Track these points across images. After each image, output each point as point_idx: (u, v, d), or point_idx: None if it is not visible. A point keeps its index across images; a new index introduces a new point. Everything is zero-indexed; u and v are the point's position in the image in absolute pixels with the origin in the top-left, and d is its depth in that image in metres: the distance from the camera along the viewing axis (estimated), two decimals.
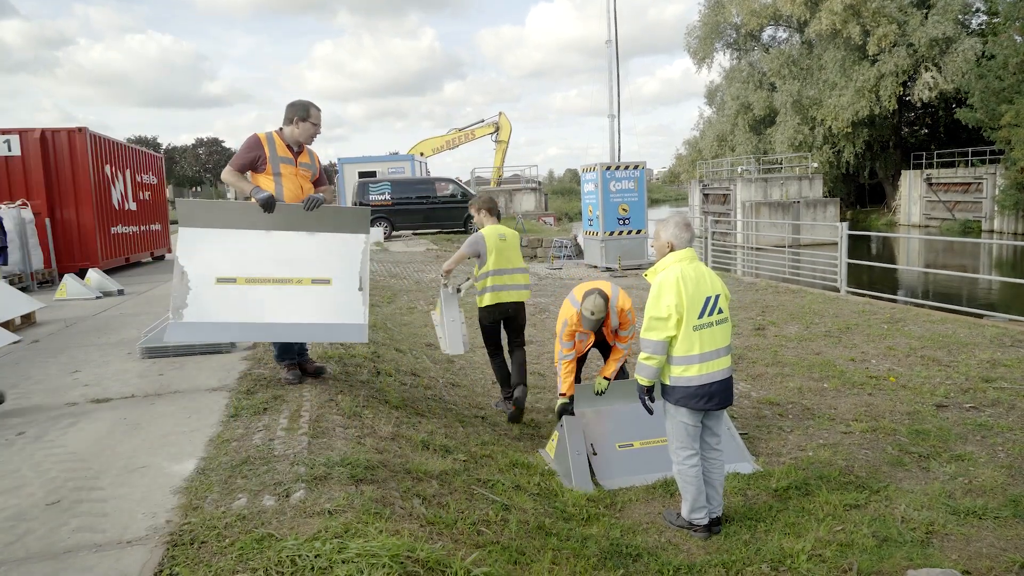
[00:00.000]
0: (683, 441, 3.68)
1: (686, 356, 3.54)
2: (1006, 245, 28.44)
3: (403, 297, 11.09)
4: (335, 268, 4.40)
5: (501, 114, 35.63)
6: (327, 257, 4.39)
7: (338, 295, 4.37)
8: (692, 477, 3.65)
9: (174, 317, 4.02)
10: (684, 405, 3.59)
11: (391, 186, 21.78)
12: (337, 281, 4.38)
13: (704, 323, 3.54)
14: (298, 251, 4.32)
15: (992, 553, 3.28)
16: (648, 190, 16.08)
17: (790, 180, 33.21)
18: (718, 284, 3.64)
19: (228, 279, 4.15)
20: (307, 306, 4.29)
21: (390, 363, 5.94)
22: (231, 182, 4.40)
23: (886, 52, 34.00)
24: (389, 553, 2.26)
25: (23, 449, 3.40)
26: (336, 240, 4.43)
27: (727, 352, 3.65)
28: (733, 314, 9.34)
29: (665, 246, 3.68)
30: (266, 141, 4.32)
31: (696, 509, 3.66)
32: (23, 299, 7.23)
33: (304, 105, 4.37)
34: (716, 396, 3.59)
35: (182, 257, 4.09)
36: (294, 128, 4.35)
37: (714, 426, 3.76)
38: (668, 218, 3.77)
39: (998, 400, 5.39)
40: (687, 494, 3.68)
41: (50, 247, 10.81)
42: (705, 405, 3.58)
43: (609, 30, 28.00)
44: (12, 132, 11.00)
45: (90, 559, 2.32)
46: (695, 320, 3.52)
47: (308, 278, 4.32)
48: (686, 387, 3.56)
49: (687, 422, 3.64)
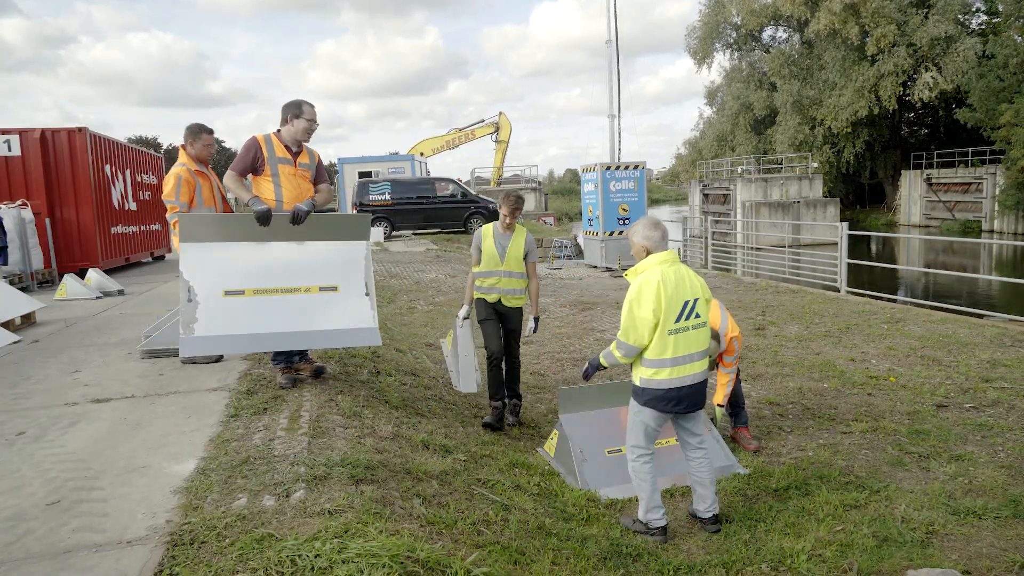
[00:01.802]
0: (639, 440, 3.66)
1: (658, 359, 3.51)
2: (1006, 245, 28.44)
3: (403, 297, 11.10)
4: (341, 275, 4.44)
5: (501, 114, 35.66)
6: (332, 265, 4.43)
7: (347, 301, 4.42)
8: (645, 474, 3.62)
9: (185, 332, 4.03)
10: (652, 407, 3.58)
11: (391, 186, 21.78)
12: (344, 287, 4.43)
13: (680, 327, 3.50)
14: (303, 260, 4.35)
15: (992, 553, 3.27)
16: (648, 190, 16.08)
17: (790, 180, 33.21)
18: (698, 287, 3.59)
19: (236, 291, 4.17)
20: (318, 313, 4.34)
21: (390, 363, 5.94)
22: (231, 187, 4.42)
23: (886, 52, 33.99)
24: (389, 553, 2.26)
25: (23, 449, 3.40)
26: (339, 248, 4.48)
27: (702, 356, 3.60)
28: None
29: (641, 250, 3.62)
30: (264, 142, 4.33)
31: (651, 509, 3.62)
32: (23, 299, 7.23)
33: (296, 103, 4.40)
34: (685, 401, 3.56)
35: (187, 273, 4.09)
36: (290, 126, 4.37)
37: (691, 426, 3.73)
38: (636, 222, 3.70)
39: (998, 400, 5.39)
40: (641, 493, 3.66)
41: (50, 247, 10.81)
42: (673, 408, 3.56)
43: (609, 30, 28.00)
44: (12, 132, 11.00)
45: (90, 559, 2.32)
46: (671, 324, 3.48)
47: (316, 286, 4.37)
48: (655, 390, 3.54)
49: (649, 424, 3.62)
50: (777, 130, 39.93)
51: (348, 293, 4.43)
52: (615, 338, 3.64)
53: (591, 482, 4.20)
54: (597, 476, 4.27)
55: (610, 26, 27.94)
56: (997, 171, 30.71)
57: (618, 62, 28.53)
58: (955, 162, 34.66)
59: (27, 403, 4.24)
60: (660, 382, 3.52)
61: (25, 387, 4.63)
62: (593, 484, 4.19)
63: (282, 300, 4.26)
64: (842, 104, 35.57)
